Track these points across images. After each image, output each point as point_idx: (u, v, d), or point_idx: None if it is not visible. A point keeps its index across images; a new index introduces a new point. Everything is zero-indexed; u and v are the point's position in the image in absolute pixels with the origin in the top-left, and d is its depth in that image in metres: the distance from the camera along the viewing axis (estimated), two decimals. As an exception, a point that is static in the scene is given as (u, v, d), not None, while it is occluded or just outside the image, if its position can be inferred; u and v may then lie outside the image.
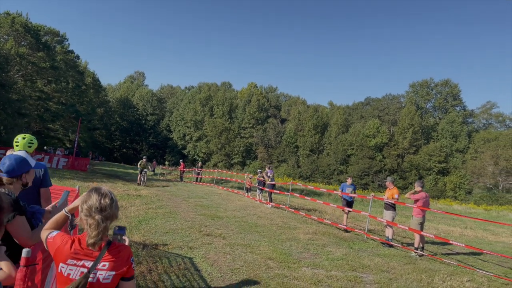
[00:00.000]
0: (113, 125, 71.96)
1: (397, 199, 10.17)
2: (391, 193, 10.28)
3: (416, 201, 9.47)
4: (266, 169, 17.50)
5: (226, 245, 8.18)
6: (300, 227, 11.09)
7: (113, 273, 2.06)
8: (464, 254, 10.37)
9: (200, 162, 35.60)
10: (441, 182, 55.83)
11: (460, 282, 7.00)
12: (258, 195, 17.62)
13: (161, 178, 30.90)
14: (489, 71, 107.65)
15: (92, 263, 2.04)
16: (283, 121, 71.31)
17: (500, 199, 47.05)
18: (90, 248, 2.06)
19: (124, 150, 74.16)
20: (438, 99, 65.05)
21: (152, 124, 75.11)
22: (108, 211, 2.08)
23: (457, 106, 64.56)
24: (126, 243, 2.26)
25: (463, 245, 8.44)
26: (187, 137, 70.41)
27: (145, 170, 20.91)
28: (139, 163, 21.17)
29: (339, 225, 12.13)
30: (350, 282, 6.47)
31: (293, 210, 14.84)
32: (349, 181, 12.59)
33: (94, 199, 2.09)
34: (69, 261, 2.04)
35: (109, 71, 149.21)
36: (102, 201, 2.08)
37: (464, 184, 54.28)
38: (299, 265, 7.23)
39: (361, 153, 58.96)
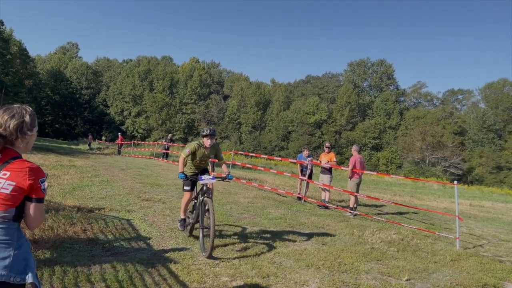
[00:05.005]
0: (43, 99, 67.19)
1: (336, 162, 10.63)
2: (329, 157, 10.70)
3: (353, 166, 9.90)
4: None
5: (166, 209, 8.11)
6: (240, 192, 11.25)
7: (13, 183, 1.98)
8: (393, 213, 11.14)
9: (170, 135, 28.54)
10: (375, 157, 59.16)
11: (388, 234, 7.54)
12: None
13: (98, 152, 29.68)
14: (420, 52, 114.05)
15: None
16: (225, 97, 70.92)
17: (426, 172, 51.02)
18: None
19: (56, 125, 69.82)
20: (373, 78, 68.11)
21: (87, 98, 71.16)
22: (3, 127, 2.05)
23: (391, 85, 68.09)
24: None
25: (392, 202, 9.07)
26: (125, 113, 67.76)
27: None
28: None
29: (279, 190, 12.46)
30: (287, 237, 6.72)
31: (234, 178, 14.95)
32: (305, 153, 11.73)
33: None
34: None
35: (38, 41, 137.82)
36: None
37: (395, 159, 57.96)
38: (238, 224, 7.37)
39: (301, 129, 60.56)
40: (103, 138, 52.54)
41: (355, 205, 9.83)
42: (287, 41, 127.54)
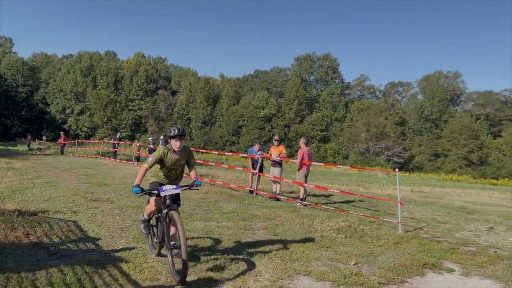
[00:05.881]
0: (-26, 98, 62.32)
1: (286, 154, 10.86)
2: (278, 150, 10.90)
3: (302, 159, 10.17)
4: (161, 136, 17.25)
5: (115, 208, 7.91)
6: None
7: None
8: (341, 202, 11.58)
9: (118, 133, 29.16)
10: (323, 149, 60.86)
11: (336, 222, 7.84)
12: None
13: (38, 153, 28.09)
14: (363, 47, 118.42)
15: None
16: (173, 93, 69.56)
17: (371, 161, 53.33)
18: None
19: (-10, 126, 65.11)
20: (320, 72, 69.82)
21: (25, 96, 66.83)
22: None
23: (336, 79, 70.17)
24: None
25: (339, 191, 9.44)
26: (68, 110, 64.43)
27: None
28: None
29: (231, 184, 12.52)
30: (240, 230, 6.80)
31: (185, 175, 14.80)
32: (256, 147, 11.89)
33: None
34: None
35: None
36: None
37: (342, 150, 60.01)
38: (191, 220, 7.35)
39: (251, 124, 60.93)
40: (44, 138, 49.61)
41: (304, 196, 10.12)
42: (235, 36, 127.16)
